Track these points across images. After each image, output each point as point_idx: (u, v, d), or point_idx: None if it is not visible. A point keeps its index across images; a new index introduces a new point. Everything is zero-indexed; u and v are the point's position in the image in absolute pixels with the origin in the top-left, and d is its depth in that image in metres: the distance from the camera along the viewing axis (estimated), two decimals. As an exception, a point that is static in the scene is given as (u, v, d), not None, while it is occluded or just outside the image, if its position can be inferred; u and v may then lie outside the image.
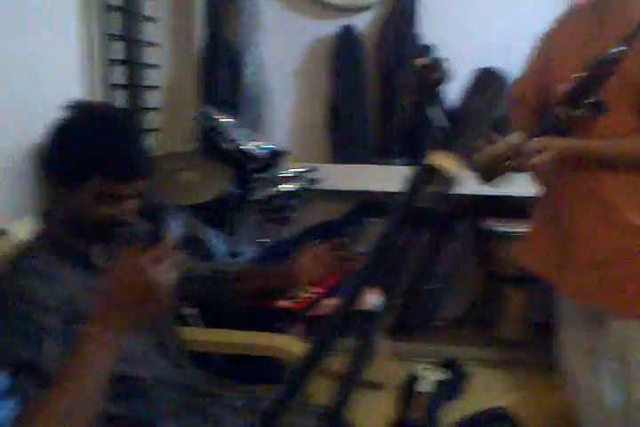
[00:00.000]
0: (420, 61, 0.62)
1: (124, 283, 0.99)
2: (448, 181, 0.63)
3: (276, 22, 3.18)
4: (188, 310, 2.20)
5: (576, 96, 1.50)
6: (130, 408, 1.36)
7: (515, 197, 2.75)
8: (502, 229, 2.93)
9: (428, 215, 0.64)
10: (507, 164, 1.51)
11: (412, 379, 2.64)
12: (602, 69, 1.45)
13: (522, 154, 1.49)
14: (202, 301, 1.84)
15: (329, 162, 3.20)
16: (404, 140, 3.10)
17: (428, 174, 0.64)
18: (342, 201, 3.21)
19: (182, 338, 1.63)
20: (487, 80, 0.69)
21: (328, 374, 0.63)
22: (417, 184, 0.64)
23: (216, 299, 1.73)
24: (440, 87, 0.59)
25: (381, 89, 3.15)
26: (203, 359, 1.83)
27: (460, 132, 0.66)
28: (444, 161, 0.63)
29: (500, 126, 1.63)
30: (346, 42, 3.14)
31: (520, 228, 2.81)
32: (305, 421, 1.44)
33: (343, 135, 3.16)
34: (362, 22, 3.16)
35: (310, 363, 0.61)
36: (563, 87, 1.53)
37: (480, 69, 0.70)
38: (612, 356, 1.74)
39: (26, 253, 1.31)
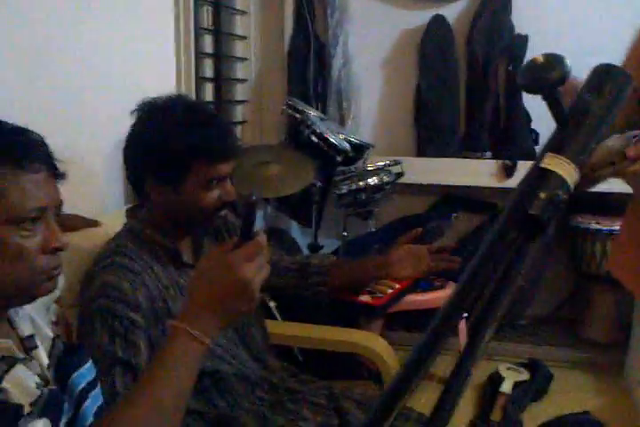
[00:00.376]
0: (538, 59, 0.59)
1: (215, 280, 0.97)
2: (562, 187, 0.58)
3: (364, 13, 3.15)
4: (270, 303, 2.23)
5: None
6: (212, 403, 1.40)
7: (608, 194, 2.64)
8: (594, 226, 2.83)
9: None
10: (605, 171, 1.43)
11: (494, 379, 2.60)
12: None
13: (622, 159, 1.40)
14: (285, 294, 1.85)
15: (414, 155, 3.16)
16: (492, 134, 3.04)
17: (542, 179, 0.59)
18: (427, 195, 3.18)
19: (266, 332, 1.66)
20: (607, 78, 0.63)
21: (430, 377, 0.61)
22: (530, 189, 0.59)
23: (301, 292, 1.74)
24: (560, 87, 0.56)
25: (471, 81, 3.09)
26: (282, 353, 1.86)
27: (575, 136, 0.61)
28: (559, 166, 0.59)
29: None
30: (436, 32, 3.08)
31: (613, 226, 2.71)
32: (404, 424, 1.46)
33: (430, 128, 3.12)
34: (453, 12, 3.10)
35: (414, 369, 0.58)
36: None
37: (600, 66, 0.64)
38: None
39: (116, 249, 1.35)
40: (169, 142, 1.32)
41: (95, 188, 1.95)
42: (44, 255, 0.91)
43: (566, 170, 0.57)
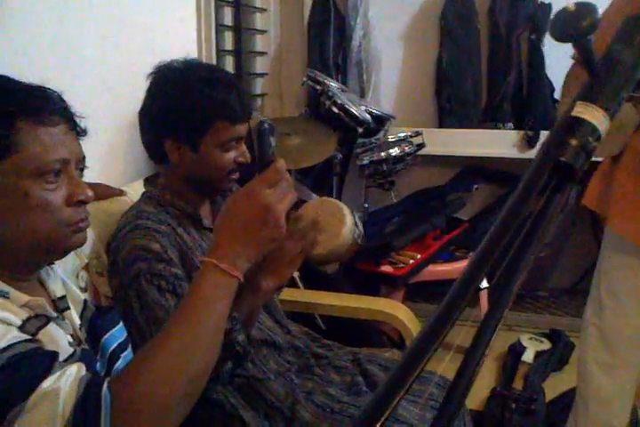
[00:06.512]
0: (569, 7, 0.59)
1: (238, 211, 0.94)
2: (595, 133, 0.58)
3: (385, -17, 3.11)
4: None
5: None
6: (241, 367, 1.39)
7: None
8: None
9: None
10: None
11: (516, 349, 2.61)
12: None
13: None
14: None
15: (436, 127, 3.15)
16: (514, 105, 3.01)
17: (572, 127, 0.58)
18: (449, 167, 3.17)
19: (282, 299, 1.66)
20: (636, 29, 0.62)
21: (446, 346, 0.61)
22: (561, 136, 0.58)
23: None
24: (590, 36, 0.55)
25: (493, 52, 3.06)
26: (307, 320, 1.88)
27: (606, 84, 0.60)
28: (589, 114, 0.59)
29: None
30: (457, 2, 3.04)
31: None
32: (425, 388, 1.46)
33: (451, 99, 3.10)
34: (475, -19, 3.05)
35: (434, 334, 0.58)
36: None
37: (630, 17, 0.63)
38: None
39: (137, 214, 1.36)
40: (192, 101, 1.33)
41: (116, 160, 1.97)
42: (70, 208, 0.91)
43: (597, 117, 0.57)
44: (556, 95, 2.93)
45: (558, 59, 2.58)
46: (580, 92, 0.61)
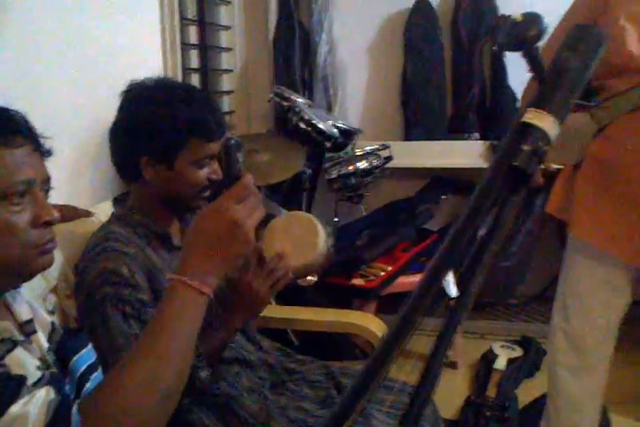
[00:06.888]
0: (517, 18, 0.60)
1: (206, 227, 0.93)
2: (545, 139, 0.60)
3: (348, -1, 3.15)
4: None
5: None
6: (214, 386, 1.40)
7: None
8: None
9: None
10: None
11: (488, 356, 2.64)
12: None
13: None
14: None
15: (402, 139, 3.18)
16: (479, 115, 3.06)
17: (524, 133, 0.61)
18: (417, 178, 3.19)
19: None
20: (582, 37, 0.65)
21: (409, 355, 0.62)
22: (513, 142, 0.60)
23: None
24: (537, 45, 0.57)
25: (456, 63, 3.11)
26: (279, 336, 1.88)
27: (555, 90, 0.62)
28: (539, 119, 0.61)
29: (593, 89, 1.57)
30: (420, 15, 3.08)
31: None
32: (385, 396, 1.47)
33: (416, 112, 3.13)
34: (437, -6, 3.10)
35: (394, 341, 0.59)
36: None
37: (576, 26, 0.66)
38: None
39: (106, 236, 1.35)
40: (168, 118, 1.33)
41: (84, 180, 1.96)
42: (36, 230, 0.90)
43: (547, 123, 0.59)
44: (519, 105, 2.98)
45: (520, 69, 2.63)
46: (531, 99, 0.63)
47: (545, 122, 0.59)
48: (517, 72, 2.89)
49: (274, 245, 1.51)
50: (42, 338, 1.00)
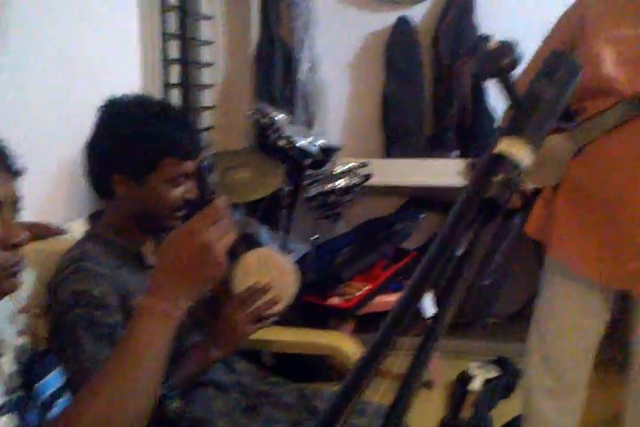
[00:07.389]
0: (492, 45, 0.60)
1: (176, 250, 0.93)
2: (517, 169, 0.59)
3: (330, 16, 3.15)
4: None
5: None
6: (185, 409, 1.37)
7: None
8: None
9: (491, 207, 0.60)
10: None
11: (464, 377, 2.62)
12: None
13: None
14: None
15: (382, 157, 3.18)
16: (459, 134, 3.07)
17: (496, 164, 0.60)
18: (396, 196, 3.20)
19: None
20: (558, 66, 0.65)
21: (385, 375, 0.61)
22: (484, 174, 0.60)
23: None
24: (512, 73, 0.57)
25: (436, 82, 3.12)
26: (252, 357, 1.85)
27: (529, 118, 0.62)
28: (513, 149, 0.60)
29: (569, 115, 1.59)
30: (401, 34, 3.10)
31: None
32: (360, 420, 1.45)
33: (396, 130, 3.14)
34: (417, 14, 3.12)
35: (369, 363, 0.59)
36: None
37: (551, 54, 0.66)
38: None
39: (79, 255, 1.33)
40: (142, 136, 1.32)
41: (59, 197, 1.93)
42: (3, 252, 0.89)
43: (520, 152, 0.59)
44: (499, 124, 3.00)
45: (499, 88, 2.65)
46: (504, 127, 0.63)
47: (518, 151, 0.59)
48: (498, 90, 2.91)
49: (248, 281, 1.50)
50: (7, 363, 0.98)
